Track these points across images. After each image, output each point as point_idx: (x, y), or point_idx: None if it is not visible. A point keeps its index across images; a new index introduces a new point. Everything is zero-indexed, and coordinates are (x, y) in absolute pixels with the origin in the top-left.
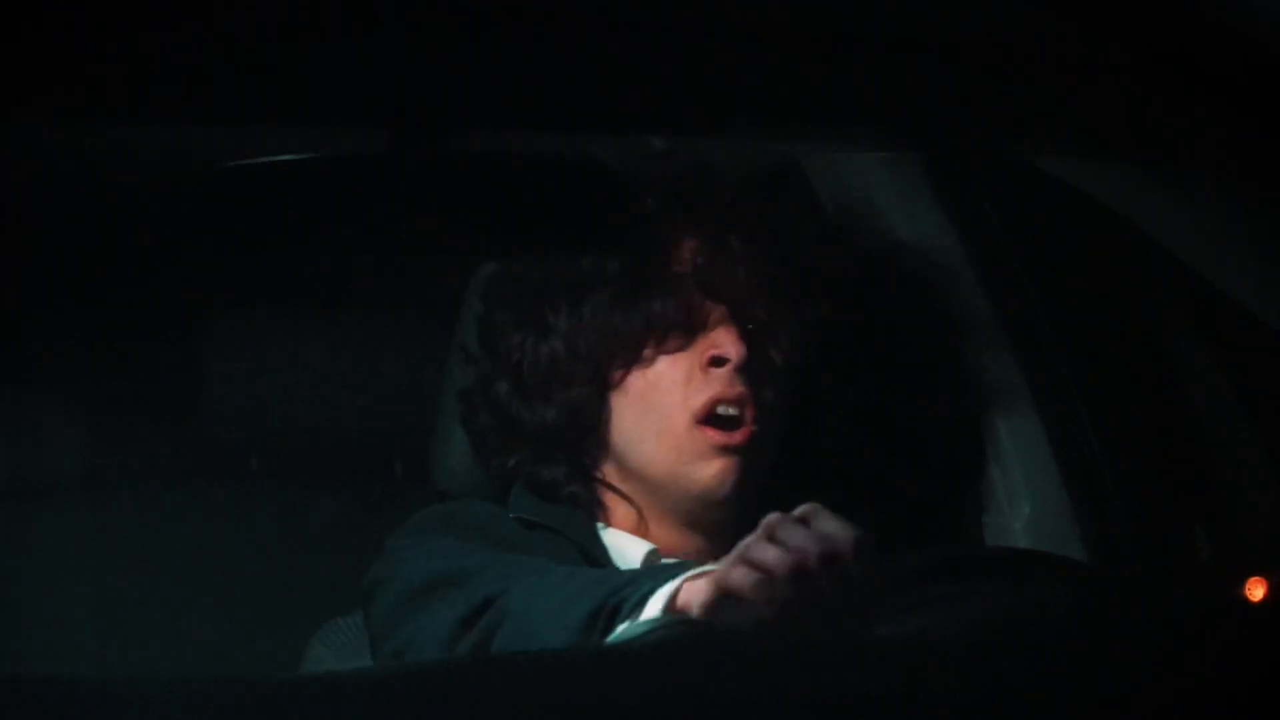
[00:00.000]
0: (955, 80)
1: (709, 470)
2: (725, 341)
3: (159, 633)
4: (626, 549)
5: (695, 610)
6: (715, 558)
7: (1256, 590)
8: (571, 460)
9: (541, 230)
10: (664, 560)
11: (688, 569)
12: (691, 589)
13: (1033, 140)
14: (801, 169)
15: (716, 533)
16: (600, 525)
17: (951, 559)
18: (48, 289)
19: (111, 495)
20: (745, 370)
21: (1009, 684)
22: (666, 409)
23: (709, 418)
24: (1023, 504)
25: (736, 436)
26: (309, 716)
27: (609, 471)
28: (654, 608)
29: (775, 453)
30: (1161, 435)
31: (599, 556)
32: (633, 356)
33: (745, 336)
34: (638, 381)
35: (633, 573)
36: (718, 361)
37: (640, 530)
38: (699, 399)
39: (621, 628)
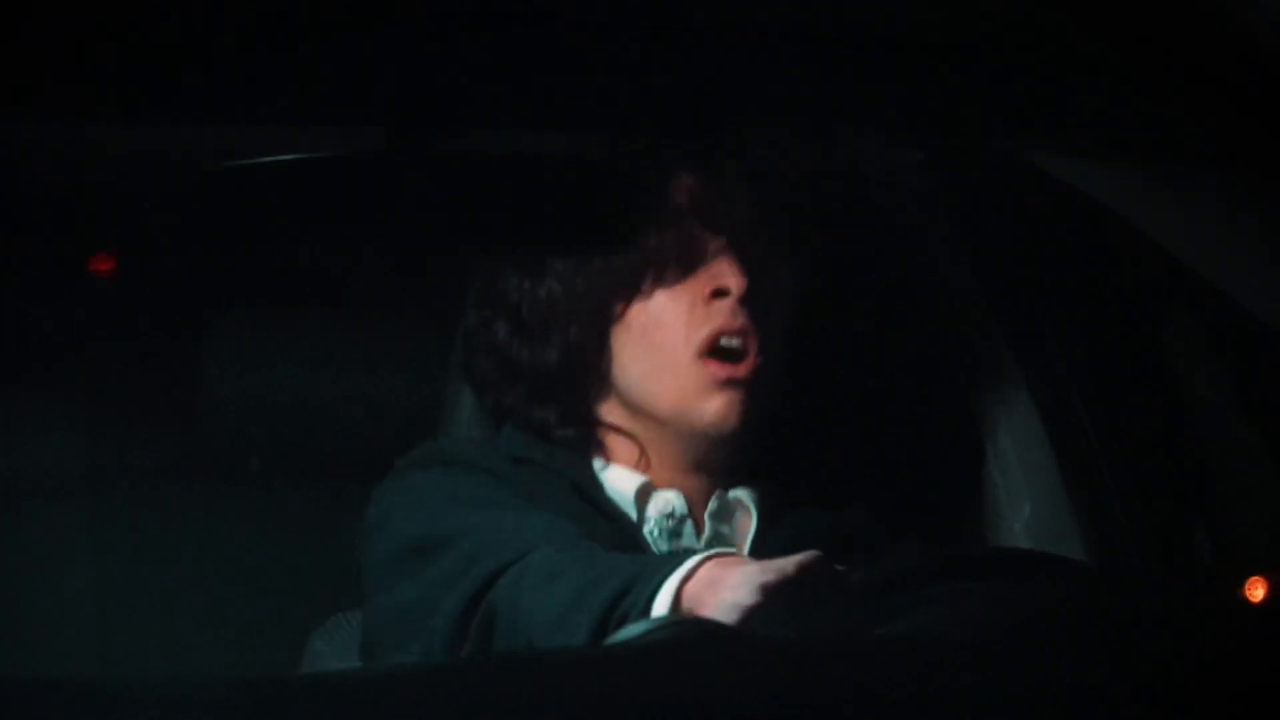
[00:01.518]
0: (955, 80)
1: (713, 405)
2: (726, 273)
3: (159, 632)
4: (619, 483)
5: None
6: (721, 486)
7: (1256, 590)
8: (567, 402)
9: (541, 230)
10: (657, 492)
11: (683, 559)
12: (695, 595)
13: (1033, 140)
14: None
15: (719, 471)
16: (600, 463)
17: (951, 559)
18: (48, 288)
19: (111, 495)
20: (747, 302)
21: (1009, 684)
22: (669, 344)
23: (712, 351)
24: (1023, 504)
25: (740, 370)
26: (309, 716)
27: (612, 409)
28: (661, 605)
29: (780, 388)
30: (1161, 435)
31: (591, 491)
32: (632, 292)
33: (746, 268)
34: (639, 317)
35: (628, 571)
36: (719, 293)
37: (641, 468)
38: (701, 332)
39: (625, 629)
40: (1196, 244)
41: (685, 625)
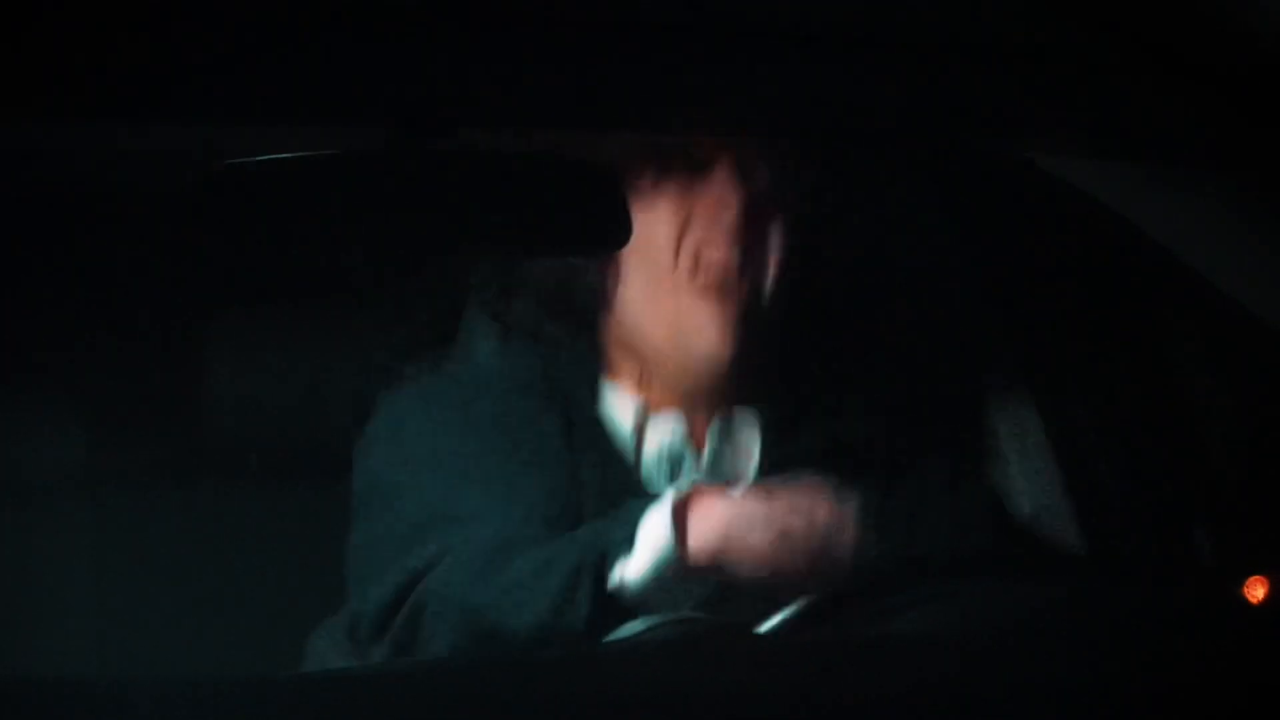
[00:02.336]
0: (955, 80)
1: (707, 338)
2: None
3: (159, 632)
4: (619, 406)
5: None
6: (722, 408)
7: (1256, 590)
8: (575, 314)
9: (541, 229)
10: (655, 417)
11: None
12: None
13: (1033, 140)
14: None
15: (720, 394)
16: (603, 381)
17: (952, 559)
18: (47, 288)
19: (111, 495)
20: (744, 218)
21: (1009, 683)
22: (661, 262)
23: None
24: (1023, 504)
25: (734, 303)
26: (309, 716)
27: (618, 324)
28: (656, 530)
29: (779, 312)
30: (1161, 434)
31: (591, 413)
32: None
33: (743, 184)
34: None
35: (596, 527)
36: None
37: (642, 389)
38: (692, 247)
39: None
40: (1197, 244)
41: (684, 624)
